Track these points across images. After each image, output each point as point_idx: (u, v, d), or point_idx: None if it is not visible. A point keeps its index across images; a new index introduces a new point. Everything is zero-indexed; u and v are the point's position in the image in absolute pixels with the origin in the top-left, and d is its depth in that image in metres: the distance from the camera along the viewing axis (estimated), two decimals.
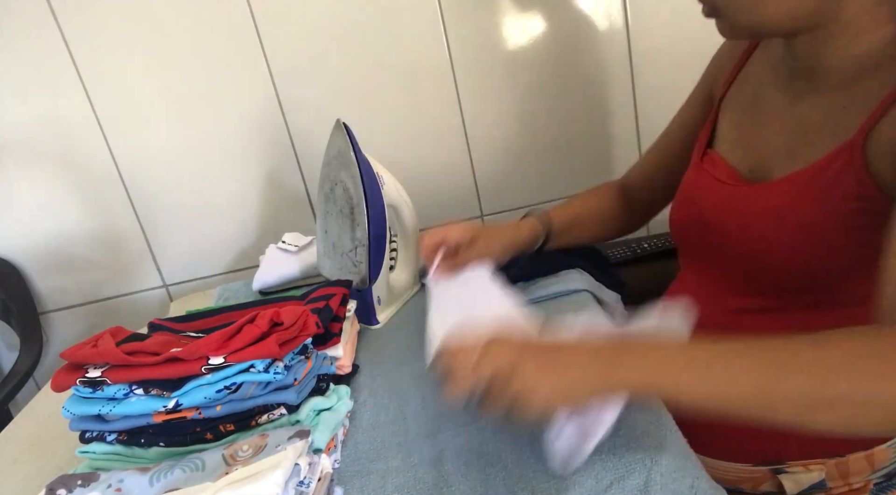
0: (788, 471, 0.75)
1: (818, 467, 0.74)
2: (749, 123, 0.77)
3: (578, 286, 0.92)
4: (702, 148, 0.83)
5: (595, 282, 0.97)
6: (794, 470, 0.75)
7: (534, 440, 0.62)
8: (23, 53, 1.23)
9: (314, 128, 1.34)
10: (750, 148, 0.76)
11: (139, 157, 1.32)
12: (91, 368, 0.64)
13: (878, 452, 0.73)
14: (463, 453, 0.64)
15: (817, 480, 0.74)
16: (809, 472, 0.74)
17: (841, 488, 0.75)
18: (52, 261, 1.37)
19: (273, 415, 0.65)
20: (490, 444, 0.64)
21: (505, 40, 1.32)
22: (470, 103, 1.35)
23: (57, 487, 0.58)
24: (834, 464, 0.74)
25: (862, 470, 0.74)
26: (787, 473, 0.75)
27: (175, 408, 0.64)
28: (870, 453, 0.73)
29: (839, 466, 0.74)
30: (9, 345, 1.44)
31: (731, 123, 0.80)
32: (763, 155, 0.74)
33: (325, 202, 0.96)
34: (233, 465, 0.57)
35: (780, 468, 0.76)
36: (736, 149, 0.78)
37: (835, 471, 0.74)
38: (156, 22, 1.24)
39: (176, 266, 1.41)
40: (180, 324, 0.82)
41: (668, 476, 0.56)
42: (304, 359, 0.69)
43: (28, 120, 1.27)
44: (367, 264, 0.90)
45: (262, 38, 1.27)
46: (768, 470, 0.77)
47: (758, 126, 0.76)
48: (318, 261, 1.01)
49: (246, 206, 1.39)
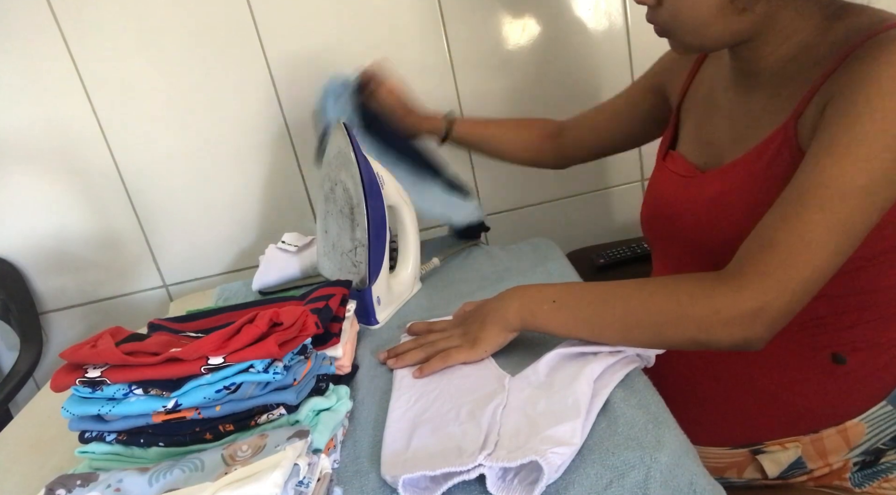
0: (767, 451, 0.78)
1: (793, 444, 0.77)
2: (704, 121, 0.85)
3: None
4: (663, 150, 0.91)
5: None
6: (772, 450, 0.78)
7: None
8: (23, 54, 1.23)
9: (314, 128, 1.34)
10: (705, 142, 0.84)
11: (139, 157, 1.33)
12: (90, 368, 0.64)
13: (851, 427, 0.76)
14: None
15: (794, 458, 0.77)
16: (786, 450, 0.77)
17: (822, 469, 0.78)
18: (52, 261, 1.37)
19: (272, 415, 0.65)
20: None
21: (505, 40, 1.32)
22: (470, 103, 1.35)
23: (56, 487, 0.58)
24: (809, 441, 0.77)
25: (839, 448, 0.76)
26: (766, 453, 0.78)
27: (174, 408, 0.64)
28: (842, 428, 0.76)
29: (815, 443, 0.77)
30: (9, 345, 1.45)
31: (691, 125, 0.88)
32: (715, 146, 0.82)
33: (324, 202, 0.96)
34: (232, 465, 0.58)
35: (759, 448, 0.79)
36: (694, 146, 0.86)
37: (811, 449, 0.77)
38: (156, 22, 1.24)
39: (176, 266, 1.41)
40: (180, 324, 0.82)
41: (667, 473, 0.56)
42: (303, 360, 0.69)
43: (28, 120, 1.27)
44: (366, 264, 0.90)
45: (262, 37, 1.27)
46: (748, 451, 0.80)
47: (711, 122, 0.83)
48: (317, 260, 1.01)
49: (246, 206, 1.39)
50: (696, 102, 0.88)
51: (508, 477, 0.58)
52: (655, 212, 0.89)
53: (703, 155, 0.84)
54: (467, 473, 0.57)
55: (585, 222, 1.49)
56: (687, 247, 0.82)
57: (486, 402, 0.67)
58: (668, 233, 0.86)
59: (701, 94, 0.87)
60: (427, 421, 0.67)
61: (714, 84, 0.85)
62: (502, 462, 0.57)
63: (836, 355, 0.75)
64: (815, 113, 0.66)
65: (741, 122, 0.78)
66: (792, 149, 0.69)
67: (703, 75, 0.88)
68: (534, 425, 0.61)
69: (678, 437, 0.60)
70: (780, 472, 0.78)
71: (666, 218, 0.85)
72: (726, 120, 0.80)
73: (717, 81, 0.84)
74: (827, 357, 0.75)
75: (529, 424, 0.62)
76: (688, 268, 0.83)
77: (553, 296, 0.73)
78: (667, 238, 0.88)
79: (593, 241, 1.44)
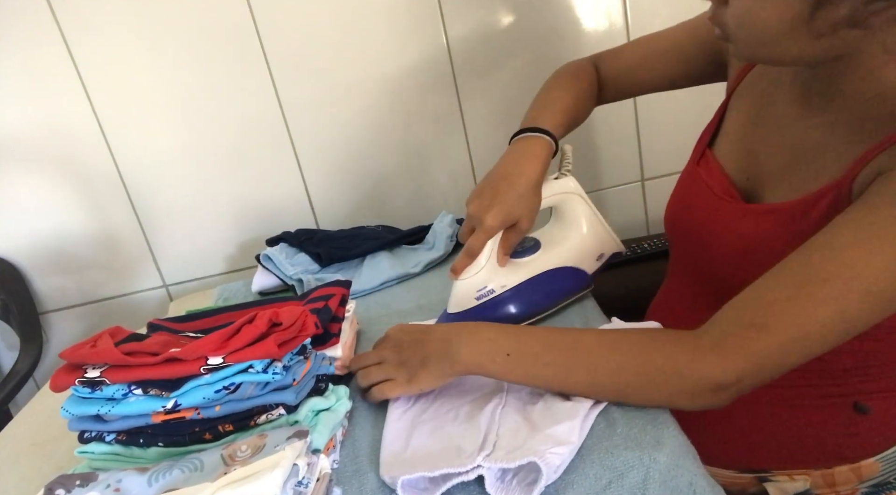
0: (773, 480, 0.75)
1: (802, 477, 0.74)
2: (754, 124, 0.76)
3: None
4: (702, 146, 0.82)
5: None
6: (779, 479, 0.75)
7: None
8: (23, 54, 1.23)
9: (314, 129, 1.34)
10: (750, 153, 0.75)
11: (139, 157, 1.32)
12: (90, 368, 0.64)
13: (866, 466, 0.72)
14: None
15: (802, 489, 0.74)
16: (794, 481, 0.74)
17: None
18: (52, 261, 1.37)
19: (272, 416, 0.65)
20: None
21: (505, 40, 1.32)
22: (470, 103, 1.35)
23: (56, 487, 0.58)
24: (819, 475, 0.74)
25: (849, 481, 0.73)
26: (772, 481, 0.75)
27: (174, 408, 0.64)
28: (856, 467, 0.72)
29: (825, 477, 0.73)
30: (9, 345, 1.44)
31: (737, 121, 0.79)
32: (761, 166, 0.73)
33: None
34: (231, 465, 0.58)
35: (765, 476, 0.76)
36: (735, 153, 0.78)
37: (821, 481, 0.74)
38: (156, 22, 1.24)
39: (176, 266, 1.41)
40: (179, 324, 0.82)
41: (667, 473, 0.56)
42: (302, 360, 0.69)
43: (28, 120, 1.27)
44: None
45: (262, 37, 1.27)
46: (753, 477, 0.77)
47: (762, 129, 0.74)
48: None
49: (246, 206, 1.38)
50: (750, 98, 0.78)
51: (507, 478, 0.58)
52: (682, 225, 0.83)
53: (744, 170, 0.75)
54: (466, 474, 0.57)
55: None
56: (705, 267, 0.78)
57: (484, 403, 0.67)
58: (691, 249, 0.82)
59: (758, 90, 0.77)
60: (426, 421, 0.67)
61: (776, 86, 0.74)
62: (501, 463, 0.57)
63: (858, 405, 0.70)
64: (871, 176, 0.59)
65: (795, 151, 0.69)
66: (841, 208, 0.60)
67: (766, 68, 0.77)
68: (532, 426, 0.61)
69: (677, 438, 0.60)
70: None
71: (693, 236, 0.80)
72: (778, 139, 0.72)
73: (781, 85, 0.74)
74: (849, 405, 0.71)
75: (528, 425, 0.62)
76: (699, 287, 0.80)
77: (507, 347, 0.66)
78: (687, 251, 0.83)
79: None
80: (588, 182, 1.45)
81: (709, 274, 0.78)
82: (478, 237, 0.79)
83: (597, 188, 1.45)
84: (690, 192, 0.81)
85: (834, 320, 0.56)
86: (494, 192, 0.79)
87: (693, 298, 0.82)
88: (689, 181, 0.83)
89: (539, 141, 0.83)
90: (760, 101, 0.76)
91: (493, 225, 0.78)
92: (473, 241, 0.80)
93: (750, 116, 0.77)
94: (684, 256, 0.86)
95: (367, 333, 0.92)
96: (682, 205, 0.83)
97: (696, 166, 0.81)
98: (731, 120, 0.80)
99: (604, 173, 1.45)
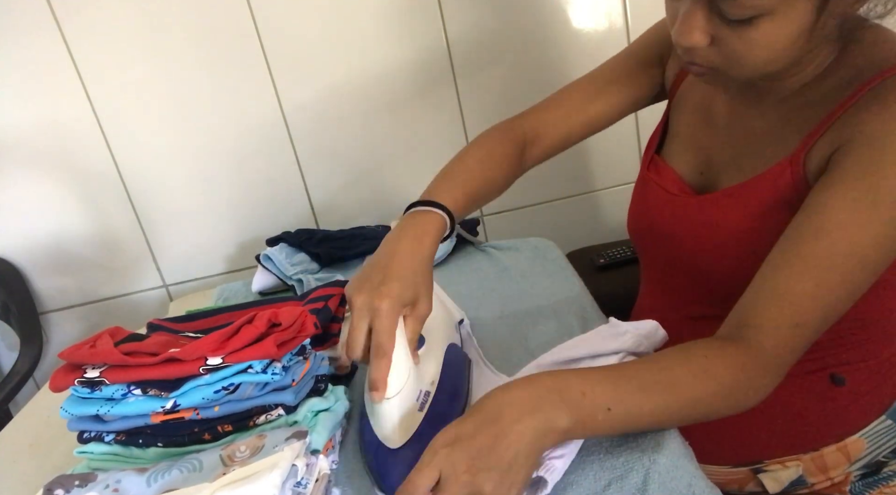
0: (767, 470, 0.77)
1: (794, 463, 0.76)
2: (699, 126, 0.79)
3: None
4: (649, 154, 0.85)
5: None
6: (773, 468, 0.77)
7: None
8: (23, 53, 1.23)
9: (314, 128, 1.34)
10: (700, 149, 0.79)
11: (139, 157, 1.33)
12: (89, 368, 0.64)
13: (851, 443, 0.74)
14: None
15: (795, 476, 0.76)
16: (787, 469, 0.76)
17: (823, 483, 0.76)
18: (52, 261, 1.37)
19: (271, 416, 0.65)
20: None
21: (505, 40, 1.32)
22: (469, 103, 1.35)
23: (55, 487, 0.58)
24: (810, 459, 0.75)
25: (839, 463, 0.75)
26: (767, 472, 0.77)
27: (173, 409, 0.64)
28: (842, 444, 0.74)
29: (815, 460, 0.75)
30: (9, 345, 1.45)
31: (682, 123, 0.83)
32: (712, 160, 0.77)
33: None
34: (230, 466, 0.58)
35: (759, 467, 0.77)
36: (686, 153, 0.81)
37: (812, 466, 0.76)
38: (156, 22, 1.24)
39: (176, 266, 1.41)
40: (179, 325, 0.82)
41: (666, 475, 0.56)
42: (302, 360, 0.69)
43: (28, 120, 1.27)
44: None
45: (263, 37, 1.27)
46: (748, 470, 0.78)
47: (709, 127, 0.78)
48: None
49: (246, 206, 1.39)
50: (691, 103, 0.82)
51: None
52: (644, 229, 0.84)
53: (696, 167, 0.79)
54: None
55: (585, 222, 1.48)
56: (678, 270, 0.80)
57: None
58: (659, 251, 0.83)
59: (697, 94, 0.81)
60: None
61: (713, 89, 0.78)
62: None
63: (834, 376, 0.74)
64: (826, 150, 0.63)
65: (742, 142, 0.74)
66: (798, 183, 0.65)
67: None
68: None
69: (676, 440, 0.60)
70: (781, 489, 0.76)
71: (656, 236, 0.82)
72: (724, 135, 0.76)
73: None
74: (825, 378, 0.74)
75: None
76: (675, 285, 0.82)
77: (605, 399, 0.56)
78: (656, 256, 0.85)
79: (593, 241, 1.44)
80: (588, 182, 1.45)
81: (680, 269, 0.80)
82: (383, 330, 0.62)
83: (597, 188, 1.45)
84: (646, 197, 0.84)
85: (847, 300, 0.62)
86: (384, 274, 0.65)
87: (671, 293, 0.84)
88: (642, 186, 0.85)
89: (431, 215, 0.73)
90: (702, 102, 0.80)
91: (391, 309, 0.63)
92: (380, 339, 0.62)
93: (695, 118, 0.80)
94: (653, 260, 0.87)
95: None
96: (640, 208, 0.85)
97: (647, 172, 0.84)
98: (676, 123, 0.83)
99: (604, 173, 1.45)
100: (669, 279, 0.84)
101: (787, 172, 0.66)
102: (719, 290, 0.74)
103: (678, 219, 0.78)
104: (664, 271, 0.85)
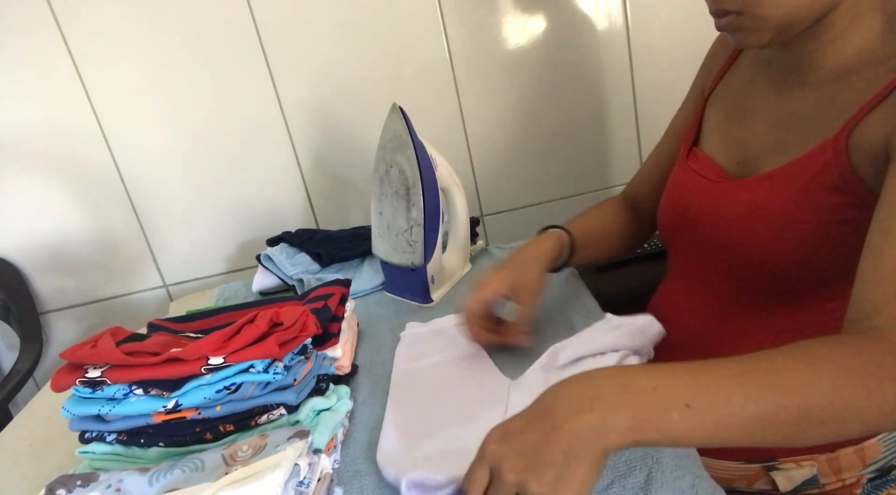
0: (780, 468, 0.76)
1: (809, 463, 0.75)
2: (736, 118, 0.80)
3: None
4: (687, 146, 0.86)
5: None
6: (786, 467, 0.76)
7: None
8: (23, 53, 1.23)
9: (314, 128, 1.34)
10: (736, 142, 0.79)
11: (139, 157, 1.32)
12: (91, 368, 0.64)
13: (869, 447, 0.74)
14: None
15: (809, 476, 0.75)
16: (801, 468, 0.75)
17: (834, 484, 0.76)
18: (52, 261, 1.37)
19: (273, 416, 0.65)
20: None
21: (505, 40, 1.32)
22: (470, 103, 1.35)
23: (56, 487, 0.58)
24: (825, 460, 0.75)
25: (853, 466, 0.75)
26: (779, 470, 0.76)
27: (175, 408, 0.64)
28: (860, 448, 0.74)
29: (830, 462, 0.75)
30: (9, 345, 1.44)
31: (716, 120, 0.83)
32: (750, 148, 0.77)
33: (380, 184, 1.00)
34: (232, 465, 0.57)
35: (772, 465, 0.77)
36: (721, 145, 0.81)
37: (826, 467, 0.75)
38: (156, 22, 1.24)
39: (176, 266, 1.41)
40: (180, 325, 0.82)
41: (669, 474, 0.56)
42: (303, 360, 0.69)
43: (28, 120, 1.27)
44: (422, 243, 0.94)
45: (263, 37, 1.27)
46: (760, 466, 0.78)
47: (745, 120, 0.78)
48: (372, 242, 1.04)
49: (246, 206, 1.38)
50: (727, 98, 0.82)
51: None
52: (678, 215, 0.83)
53: (733, 158, 0.79)
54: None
55: None
56: (713, 255, 0.78)
57: (488, 407, 0.67)
58: (692, 239, 0.81)
59: (734, 90, 0.82)
60: (428, 421, 0.67)
61: (750, 81, 0.80)
62: None
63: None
64: (874, 134, 0.62)
65: (783, 127, 0.73)
66: (842, 166, 0.64)
67: (738, 70, 0.82)
68: None
69: None
70: (792, 488, 0.76)
71: (690, 222, 0.80)
72: (764, 123, 0.76)
73: (755, 79, 0.79)
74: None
75: None
76: (706, 273, 0.80)
77: (682, 394, 0.48)
78: (689, 243, 0.83)
79: None
80: (589, 182, 1.45)
81: (716, 254, 0.78)
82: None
83: (597, 188, 1.45)
84: (684, 183, 0.84)
85: None
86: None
87: (702, 282, 0.82)
88: (680, 176, 0.85)
89: (551, 233, 0.90)
90: (737, 100, 0.81)
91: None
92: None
93: (729, 113, 0.81)
94: (686, 249, 0.85)
95: (367, 333, 0.92)
96: (676, 194, 0.85)
97: (685, 161, 0.84)
98: (710, 122, 0.84)
99: (604, 173, 1.45)
100: (701, 267, 0.82)
101: (829, 153, 0.65)
102: (755, 276, 0.73)
103: (715, 204, 0.77)
104: (699, 259, 0.82)
